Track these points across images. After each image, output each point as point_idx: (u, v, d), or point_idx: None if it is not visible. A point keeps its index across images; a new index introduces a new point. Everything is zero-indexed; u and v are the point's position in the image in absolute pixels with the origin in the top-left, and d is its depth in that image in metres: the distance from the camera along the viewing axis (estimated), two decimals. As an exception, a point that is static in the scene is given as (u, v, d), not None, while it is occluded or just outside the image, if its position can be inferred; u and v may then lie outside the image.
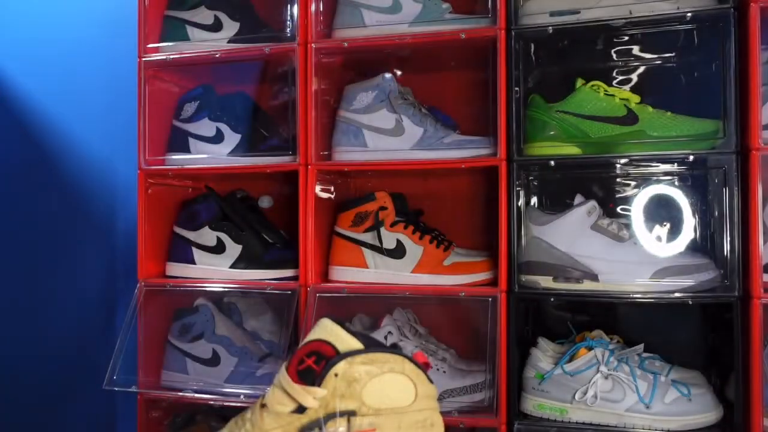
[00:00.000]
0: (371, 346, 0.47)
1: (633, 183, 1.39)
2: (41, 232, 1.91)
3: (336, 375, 0.45)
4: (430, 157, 1.32)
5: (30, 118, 1.92)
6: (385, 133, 1.35)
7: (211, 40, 1.44)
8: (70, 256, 1.88)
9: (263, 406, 0.45)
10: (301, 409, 0.46)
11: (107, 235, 1.85)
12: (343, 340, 0.46)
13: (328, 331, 0.47)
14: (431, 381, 0.48)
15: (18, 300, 1.93)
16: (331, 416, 0.45)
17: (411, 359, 0.47)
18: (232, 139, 1.46)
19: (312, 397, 0.45)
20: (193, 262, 1.45)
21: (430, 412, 0.47)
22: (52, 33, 1.91)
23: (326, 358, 0.47)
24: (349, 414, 0.45)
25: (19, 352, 1.91)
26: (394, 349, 0.48)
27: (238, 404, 1.33)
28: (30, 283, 1.92)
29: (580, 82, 1.28)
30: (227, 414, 0.45)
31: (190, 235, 1.47)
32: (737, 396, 1.16)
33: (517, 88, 1.25)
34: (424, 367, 0.48)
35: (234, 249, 1.44)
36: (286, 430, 0.45)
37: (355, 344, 0.47)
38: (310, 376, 0.46)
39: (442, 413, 1.25)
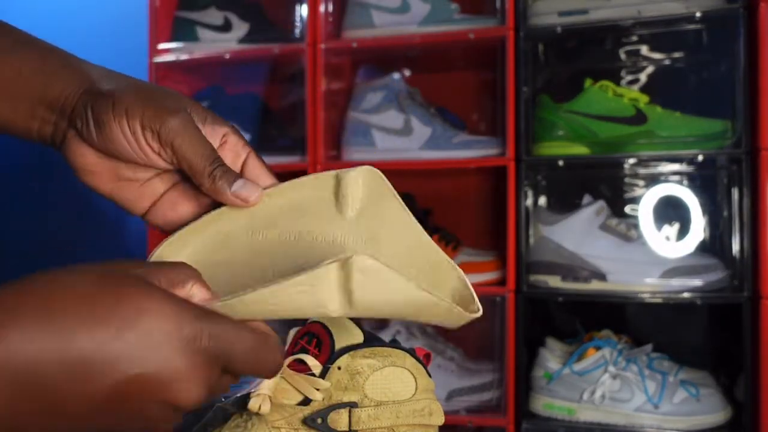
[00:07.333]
0: (370, 339, 0.47)
1: (642, 183, 1.39)
2: (51, 231, 1.92)
3: (339, 368, 0.46)
4: (438, 156, 1.32)
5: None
6: (394, 133, 1.36)
7: (221, 40, 1.45)
8: (80, 256, 1.90)
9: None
10: (306, 401, 0.46)
11: (118, 235, 1.86)
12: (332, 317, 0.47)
13: None
14: (430, 375, 0.48)
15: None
16: (333, 407, 0.46)
17: (412, 353, 0.48)
18: (241, 139, 1.46)
19: (317, 390, 0.46)
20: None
21: (429, 401, 0.47)
22: (62, 33, 1.92)
23: (316, 336, 0.48)
24: (351, 406, 0.46)
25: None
26: (394, 343, 0.49)
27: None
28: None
29: (588, 82, 1.28)
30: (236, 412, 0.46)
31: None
32: (746, 396, 1.15)
33: (525, 88, 1.25)
34: (425, 361, 0.48)
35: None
36: (290, 422, 0.46)
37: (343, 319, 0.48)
38: (302, 352, 0.48)
39: (450, 412, 1.25)
